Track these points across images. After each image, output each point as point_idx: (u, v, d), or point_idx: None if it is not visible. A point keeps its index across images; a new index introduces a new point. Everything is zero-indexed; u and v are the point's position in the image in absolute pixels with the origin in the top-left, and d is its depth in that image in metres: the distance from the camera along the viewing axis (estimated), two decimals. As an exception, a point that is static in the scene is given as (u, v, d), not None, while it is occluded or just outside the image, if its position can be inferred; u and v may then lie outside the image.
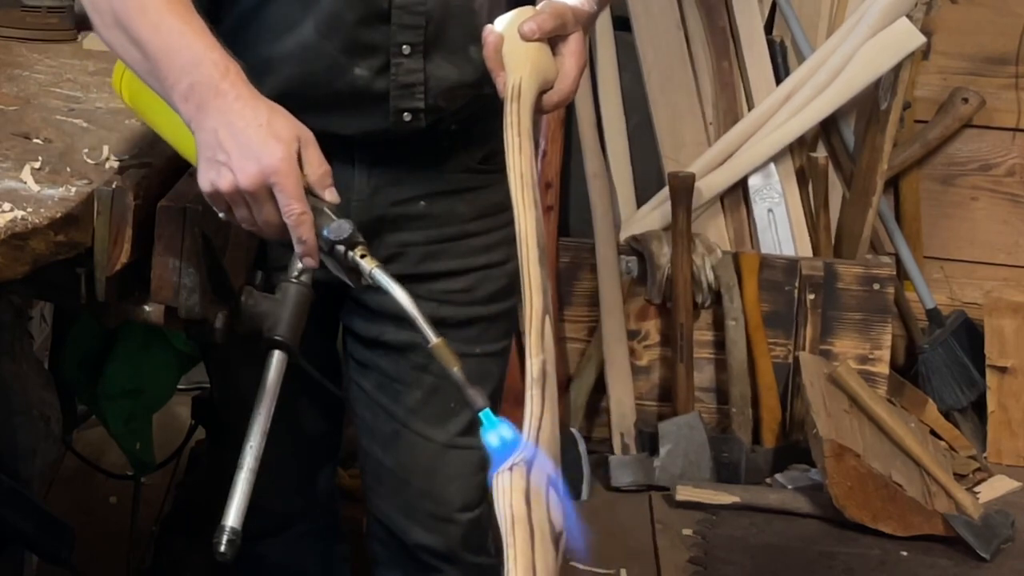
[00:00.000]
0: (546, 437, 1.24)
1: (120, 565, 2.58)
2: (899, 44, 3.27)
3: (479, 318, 1.80)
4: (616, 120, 3.44)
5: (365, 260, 1.42)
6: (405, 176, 1.72)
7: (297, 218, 1.38)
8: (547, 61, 1.53)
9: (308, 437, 1.94)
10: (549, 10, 1.53)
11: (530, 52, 1.51)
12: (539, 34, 1.51)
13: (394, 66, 1.63)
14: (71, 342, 2.33)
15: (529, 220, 1.38)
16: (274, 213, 1.39)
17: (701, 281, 3.29)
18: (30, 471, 2.13)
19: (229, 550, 1.44)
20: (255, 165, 1.37)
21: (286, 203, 1.38)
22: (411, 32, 1.63)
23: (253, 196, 1.38)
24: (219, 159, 1.38)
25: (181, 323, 1.54)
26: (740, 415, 3.30)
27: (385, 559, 1.92)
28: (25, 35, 2.09)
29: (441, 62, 1.65)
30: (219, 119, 1.39)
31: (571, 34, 1.55)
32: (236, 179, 1.38)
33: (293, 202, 1.38)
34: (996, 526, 3.03)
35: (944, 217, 3.63)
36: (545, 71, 1.52)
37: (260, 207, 1.39)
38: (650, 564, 2.94)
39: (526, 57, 1.51)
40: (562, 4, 1.55)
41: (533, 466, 1.19)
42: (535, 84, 1.50)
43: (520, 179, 1.41)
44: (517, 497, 1.15)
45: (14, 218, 1.42)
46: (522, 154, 1.42)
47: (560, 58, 1.54)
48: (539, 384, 1.27)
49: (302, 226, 1.39)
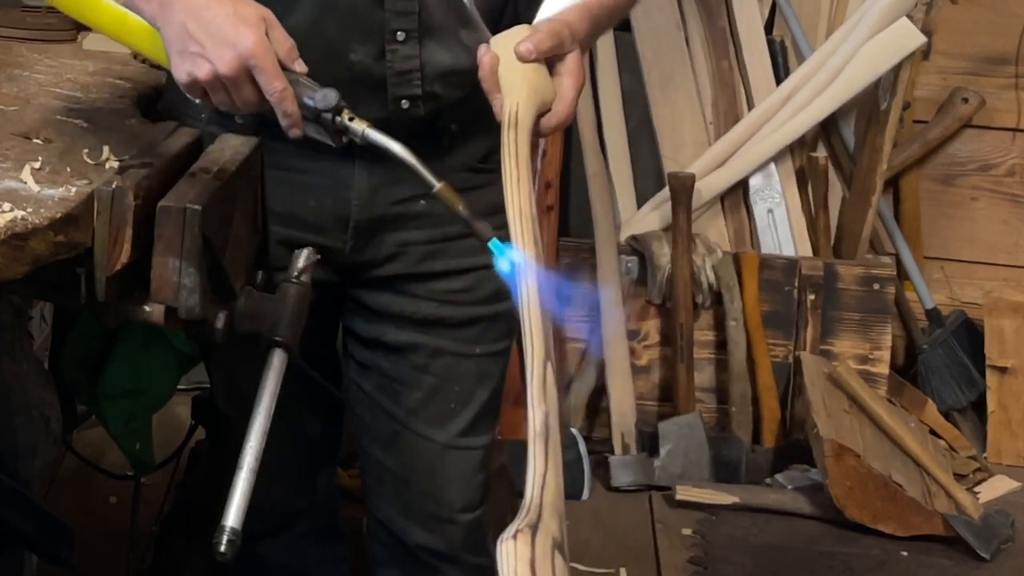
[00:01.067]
0: (551, 496, 1.21)
1: (120, 565, 2.58)
2: (899, 44, 3.27)
3: (480, 318, 1.80)
4: (616, 120, 3.44)
5: (355, 122, 1.48)
6: (405, 175, 1.72)
7: (280, 94, 1.45)
8: (544, 82, 1.51)
9: (308, 437, 1.94)
10: (546, 29, 1.52)
11: (527, 74, 1.49)
12: (536, 55, 1.50)
13: (389, 52, 1.63)
14: (71, 342, 2.33)
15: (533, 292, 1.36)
16: (253, 93, 1.46)
17: (701, 281, 3.29)
18: (30, 471, 2.13)
19: (229, 550, 1.44)
20: (231, 51, 1.43)
21: (267, 83, 1.44)
22: (405, 18, 1.63)
23: (233, 81, 1.44)
24: (192, 50, 1.45)
25: (181, 323, 1.54)
26: (740, 415, 3.30)
27: (385, 559, 1.92)
28: (25, 35, 2.09)
29: (435, 48, 1.65)
30: (185, 13, 1.45)
31: (569, 53, 1.53)
32: (215, 67, 1.44)
33: (274, 80, 1.45)
34: (996, 526, 3.03)
35: (944, 217, 3.63)
36: (543, 93, 1.50)
37: (240, 90, 1.46)
38: (650, 564, 2.94)
39: (523, 79, 1.48)
40: (559, 22, 1.54)
41: (538, 531, 1.17)
42: (533, 108, 1.48)
43: (519, 216, 1.39)
44: (523, 568, 1.13)
45: (14, 218, 1.42)
46: (520, 187, 1.40)
47: (558, 78, 1.53)
48: (541, 439, 1.24)
49: (285, 101, 1.46)
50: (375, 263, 1.77)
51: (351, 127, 1.48)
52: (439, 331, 1.79)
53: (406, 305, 1.78)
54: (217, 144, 1.64)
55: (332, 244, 1.73)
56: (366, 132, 1.48)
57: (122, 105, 1.77)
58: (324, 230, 1.73)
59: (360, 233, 1.74)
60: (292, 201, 1.73)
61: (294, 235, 1.72)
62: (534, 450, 1.24)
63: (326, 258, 1.68)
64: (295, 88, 1.47)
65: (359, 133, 1.48)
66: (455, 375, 1.81)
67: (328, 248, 1.71)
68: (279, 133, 1.69)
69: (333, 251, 1.73)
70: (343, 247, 1.75)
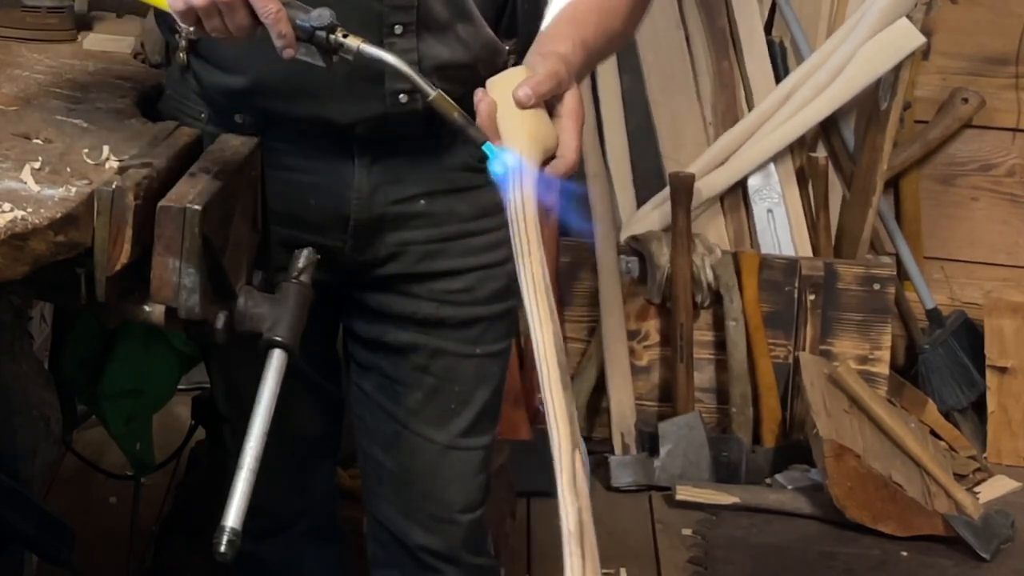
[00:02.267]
0: None
1: (120, 565, 2.58)
2: (899, 44, 3.27)
3: (480, 318, 1.80)
4: (616, 120, 3.44)
5: (349, 39, 1.48)
6: (405, 174, 1.72)
7: (275, 16, 1.45)
8: (546, 128, 1.45)
9: (308, 438, 1.94)
10: (543, 72, 1.47)
11: (526, 120, 1.43)
12: (535, 100, 1.45)
13: (387, 46, 1.63)
14: (71, 342, 2.33)
15: (548, 337, 1.27)
16: (247, 17, 1.46)
17: (701, 281, 3.29)
18: (30, 471, 2.13)
19: (229, 550, 1.44)
20: None
21: (262, 5, 1.44)
22: (403, 12, 1.63)
23: (228, 4, 1.44)
24: None
25: (181, 323, 1.54)
26: (740, 415, 3.30)
27: (385, 560, 1.92)
28: (25, 35, 2.09)
29: (433, 42, 1.65)
30: None
31: (567, 91, 1.49)
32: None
33: (268, 2, 1.44)
34: (996, 526, 3.03)
35: (944, 217, 3.63)
36: (545, 139, 1.44)
37: (234, 14, 1.45)
38: (650, 564, 2.94)
39: (522, 127, 1.43)
40: (555, 60, 1.49)
41: None
42: (536, 158, 1.41)
43: (533, 286, 1.30)
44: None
45: (14, 218, 1.42)
46: (532, 257, 1.31)
47: (558, 120, 1.48)
48: (576, 539, 1.13)
49: (280, 22, 1.45)
50: (375, 263, 1.77)
51: (345, 43, 1.47)
52: (439, 331, 1.79)
53: (406, 305, 1.78)
54: (217, 144, 1.64)
55: (332, 244, 1.73)
56: (361, 47, 1.48)
57: (122, 105, 1.77)
58: (324, 229, 1.73)
59: (360, 232, 1.74)
60: (292, 200, 1.73)
61: (294, 235, 1.72)
62: (570, 551, 1.13)
63: (326, 258, 1.68)
64: (288, 10, 1.47)
65: (353, 49, 1.47)
66: (455, 375, 1.81)
67: (328, 248, 1.71)
68: (279, 133, 1.70)
69: (333, 251, 1.73)
70: (343, 247, 1.75)
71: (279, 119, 1.69)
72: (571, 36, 1.55)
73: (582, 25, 1.58)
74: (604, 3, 1.61)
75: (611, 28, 1.62)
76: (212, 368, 1.96)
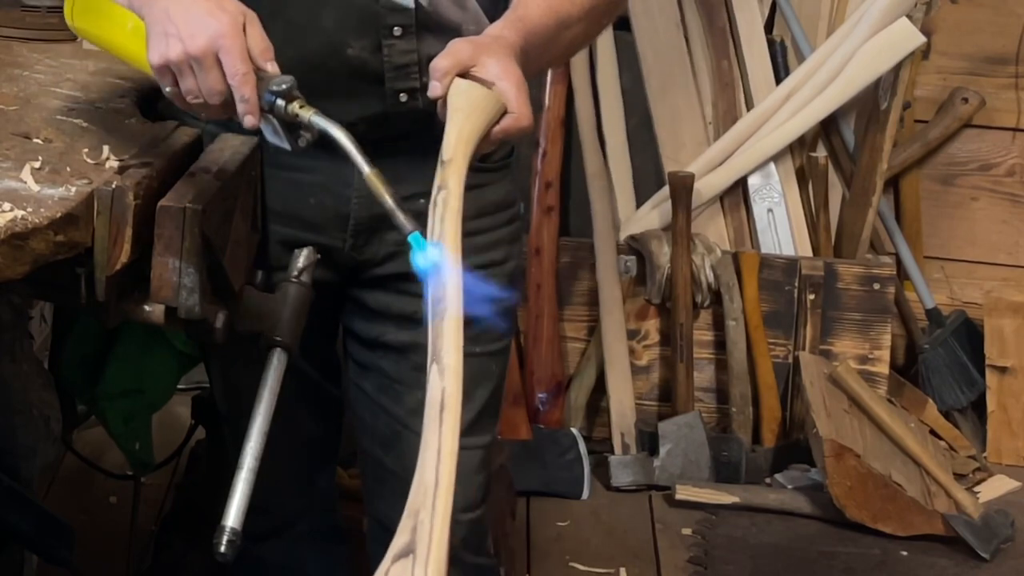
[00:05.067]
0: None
1: (120, 565, 2.58)
2: (899, 44, 3.27)
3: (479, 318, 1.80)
4: (616, 120, 3.44)
5: (303, 110, 1.46)
6: (405, 173, 1.72)
7: (242, 78, 1.44)
8: (485, 99, 1.47)
9: (308, 438, 1.94)
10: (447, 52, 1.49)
11: (462, 94, 1.46)
12: (438, 74, 1.47)
13: (386, 47, 1.63)
14: (71, 342, 2.33)
15: (447, 461, 1.29)
16: (219, 80, 1.45)
17: (701, 281, 3.29)
18: (30, 471, 2.13)
19: (229, 550, 1.44)
20: (203, 32, 1.44)
21: (231, 64, 1.44)
22: (401, 14, 1.63)
23: (200, 62, 1.44)
24: (168, 31, 1.45)
25: (181, 323, 1.54)
26: (740, 415, 3.30)
27: (385, 559, 1.91)
28: (25, 35, 2.09)
29: (433, 41, 1.65)
30: (169, 1, 1.47)
31: (485, 62, 1.49)
32: (185, 47, 1.44)
33: (238, 63, 1.44)
34: (996, 526, 3.03)
35: (944, 217, 3.63)
36: (486, 108, 1.46)
37: (206, 74, 1.45)
38: (650, 564, 2.94)
39: (458, 100, 1.45)
40: (463, 42, 1.51)
41: None
42: (478, 126, 1.44)
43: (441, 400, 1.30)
44: None
45: (14, 218, 1.42)
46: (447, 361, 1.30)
47: (494, 87, 1.48)
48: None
49: (245, 85, 1.44)
50: (375, 262, 1.77)
51: (300, 114, 1.46)
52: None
53: (406, 305, 1.78)
54: (217, 144, 1.64)
55: (332, 243, 1.73)
56: (312, 118, 1.46)
57: (122, 105, 1.77)
58: (324, 229, 1.73)
59: (360, 231, 1.74)
60: (292, 200, 1.73)
61: (294, 234, 1.72)
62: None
63: (326, 257, 1.68)
64: (259, 82, 1.46)
65: (305, 119, 1.46)
66: (455, 375, 1.81)
67: (328, 247, 1.71)
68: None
69: (333, 250, 1.73)
70: (343, 246, 1.75)
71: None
72: (508, 16, 1.58)
73: (523, 5, 1.60)
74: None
75: (560, 9, 1.62)
76: (212, 368, 1.96)
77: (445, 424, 1.18)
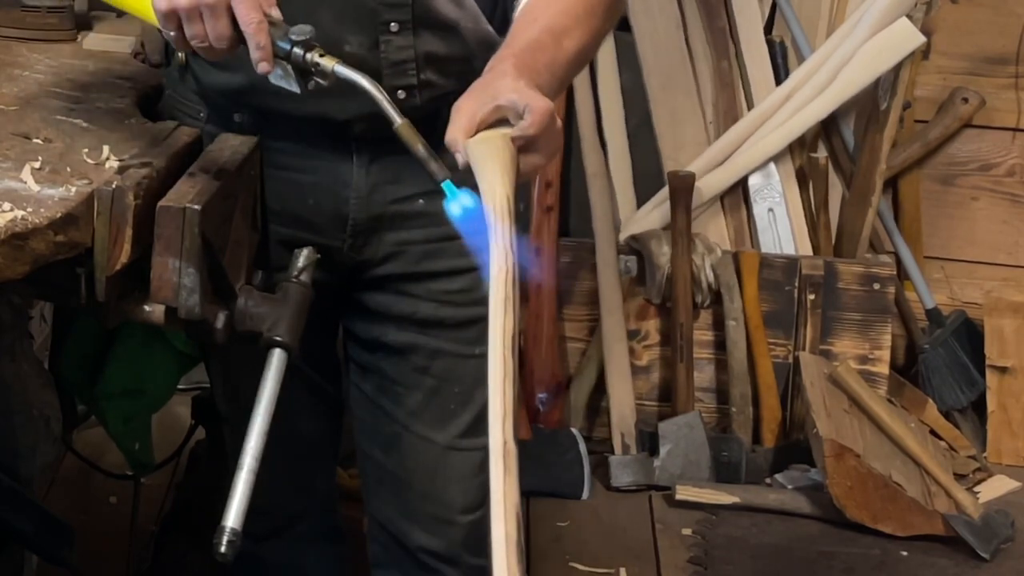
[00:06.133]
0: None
1: (120, 565, 2.58)
2: (899, 44, 3.27)
3: (479, 318, 1.79)
4: (616, 120, 3.44)
5: (325, 59, 1.47)
6: (404, 173, 1.72)
7: (256, 25, 1.45)
8: (511, 152, 1.43)
9: (308, 438, 1.94)
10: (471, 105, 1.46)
11: (492, 146, 1.42)
12: (454, 147, 1.44)
13: (383, 43, 1.63)
14: (71, 342, 2.33)
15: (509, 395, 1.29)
16: (228, 26, 1.45)
17: (701, 281, 3.29)
18: (30, 471, 2.13)
19: (229, 551, 1.44)
20: None
21: (244, 13, 1.44)
22: (398, 10, 1.63)
23: (212, 8, 1.44)
24: None
25: (181, 323, 1.54)
26: (740, 415, 3.30)
27: (385, 561, 1.92)
28: (25, 35, 2.09)
29: (430, 37, 1.65)
30: None
31: (480, 97, 1.46)
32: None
33: (251, 11, 1.44)
34: (996, 526, 3.03)
35: (944, 217, 3.63)
36: (513, 160, 1.43)
37: (216, 20, 1.45)
38: (650, 564, 2.94)
39: (489, 152, 1.42)
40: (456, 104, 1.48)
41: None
42: (509, 181, 1.40)
43: (501, 340, 1.31)
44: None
45: (14, 218, 1.42)
46: (507, 315, 1.31)
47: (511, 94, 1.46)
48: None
49: (260, 33, 1.45)
50: (374, 262, 1.77)
51: (321, 63, 1.47)
52: (438, 332, 1.79)
53: (405, 306, 1.78)
54: (217, 144, 1.64)
55: (331, 243, 1.73)
56: (336, 68, 1.47)
57: (122, 105, 1.77)
58: (323, 229, 1.73)
59: (359, 232, 1.74)
60: (291, 200, 1.73)
61: (293, 234, 1.72)
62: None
63: (325, 257, 1.68)
64: (270, 28, 1.46)
65: (328, 70, 1.47)
66: (455, 376, 1.81)
67: (327, 247, 1.71)
68: (278, 132, 1.70)
69: (332, 250, 1.73)
70: (342, 246, 1.75)
71: (277, 117, 1.69)
72: (498, 51, 1.56)
73: (510, 34, 1.58)
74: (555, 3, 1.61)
75: (549, 22, 1.60)
76: (212, 368, 1.96)
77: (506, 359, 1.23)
